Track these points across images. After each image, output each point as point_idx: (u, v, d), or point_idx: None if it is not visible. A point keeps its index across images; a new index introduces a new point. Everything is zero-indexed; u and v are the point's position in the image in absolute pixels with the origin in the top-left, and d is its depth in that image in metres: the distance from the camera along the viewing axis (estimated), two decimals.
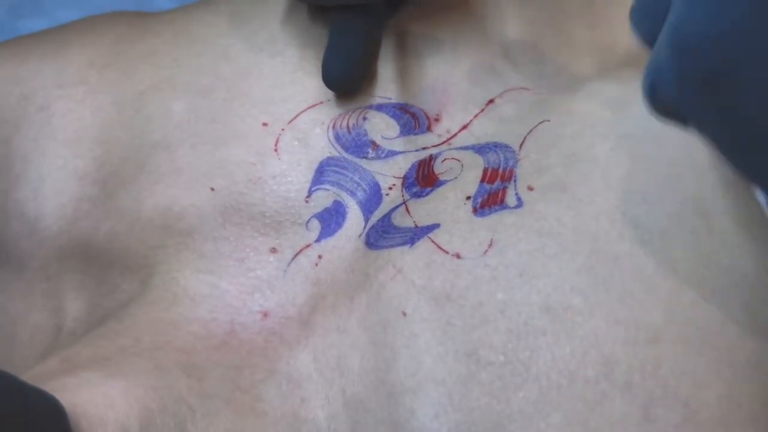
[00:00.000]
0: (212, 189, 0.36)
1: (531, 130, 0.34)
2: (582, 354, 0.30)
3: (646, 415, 0.29)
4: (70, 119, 0.39)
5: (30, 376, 0.31)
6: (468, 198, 0.33)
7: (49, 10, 0.57)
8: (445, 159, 0.35)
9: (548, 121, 0.35)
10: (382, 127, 0.36)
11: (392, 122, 0.36)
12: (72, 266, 0.37)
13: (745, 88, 0.23)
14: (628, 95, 0.34)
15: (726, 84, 0.23)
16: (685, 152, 0.30)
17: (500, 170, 0.34)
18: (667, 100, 0.26)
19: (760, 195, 0.30)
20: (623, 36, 0.36)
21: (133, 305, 0.35)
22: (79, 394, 0.29)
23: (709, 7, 0.23)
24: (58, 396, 0.27)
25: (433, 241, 0.33)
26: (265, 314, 0.34)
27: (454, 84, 0.37)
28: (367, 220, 0.35)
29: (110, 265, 0.37)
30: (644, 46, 0.28)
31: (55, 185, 0.38)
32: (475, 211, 0.33)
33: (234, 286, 0.35)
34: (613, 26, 0.38)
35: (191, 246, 0.35)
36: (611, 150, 0.33)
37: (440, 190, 0.34)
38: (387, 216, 0.35)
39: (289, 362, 0.33)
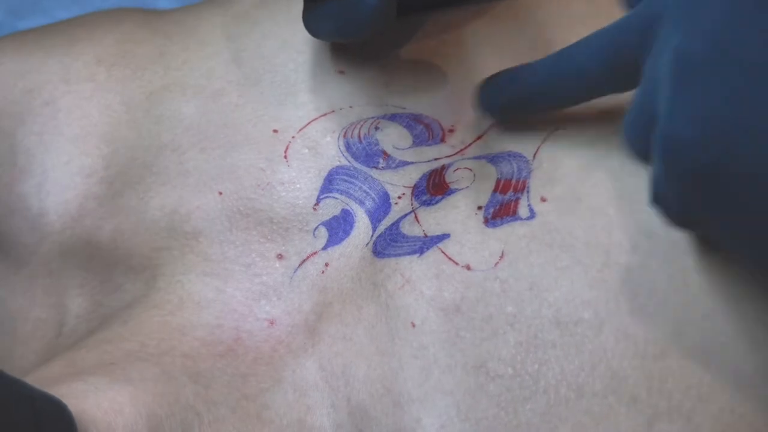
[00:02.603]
0: (220, 193, 0.36)
1: (545, 139, 0.35)
2: (591, 368, 0.30)
3: (651, 429, 0.30)
4: (77, 116, 0.39)
5: (35, 379, 0.31)
6: (480, 208, 0.34)
7: (48, 11, 0.58)
8: (457, 168, 0.36)
9: (563, 129, 0.35)
10: (394, 138, 0.37)
11: (405, 133, 0.37)
12: (75, 263, 0.38)
13: (735, 181, 0.25)
14: None
15: (716, 179, 0.25)
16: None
17: (513, 181, 0.34)
18: (669, 205, 0.28)
19: None
20: None
21: (137, 307, 0.35)
22: (86, 399, 0.30)
23: (690, 109, 0.25)
24: (64, 401, 0.28)
25: (443, 252, 0.33)
26: (272, 322, 0.35)
27: (470, 94, 0.37)
28: (375, 229, 0.35)
29: (114, 264, 0.37)
30: (639, 162, 0.30)
31: (59, 181, 0.38)
32: (486, 221, 0.34)
33: (240, 292, 0.35)
34: None
35: (196, 249, 0.36)
36: (625, 160, 0.33)
37: (451, 199, 0.35)
38: (395, 224, 0.35)
39: (295, 370, 0.34)
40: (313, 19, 0.36)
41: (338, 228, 0.36)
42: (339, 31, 0.35)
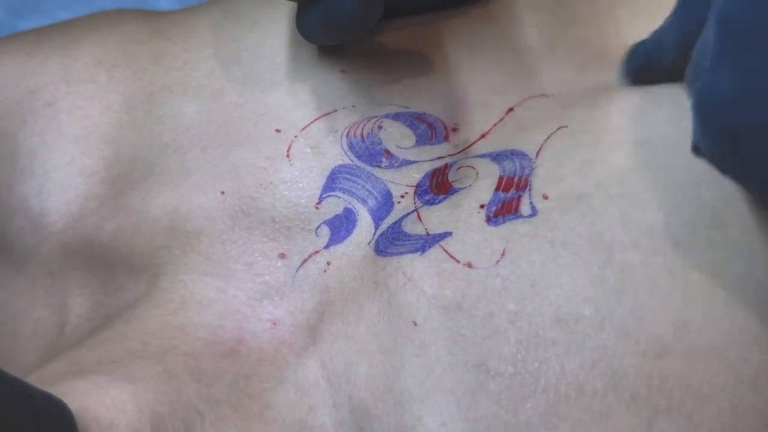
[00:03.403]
0: (222, 192, 0.37)
1: (548, 138, 0.35)
2: (591, 366, 0.31)
3: (650, 428, 0.30)
4: (78, 116, 0.40)
5: (36, 377, 0.32)
6: (482, 206, 0.34)
7: (48, 11, 0.58)
8: (460, 167, 0.36)
9: (566, 127, 0.36)
10: (397, 137, 0.37)
11: (408, 132, 0.37)
12: (76, 263, 0.38)
13: (758, 144, 0.26)
14: (645, 102, 0.34)
15: (745, 139, 0.26)
16: (702, 160, 0.31)
17: (515, 179, 0.35)
18: (705, 155, 0.29)
19: None
20: (630, 39, 0.36)
21: (139, 307, 0.36)
22: (88, 397, 0.30)
23: (729, 76, 0.27)
24: (66, 400, 0.28)
25: (444, 250, 0.34)
26: (275, 323, 0.35)
27: (473, 93, 0.38)
28: (377, 228, 0.36)
29: (115, 264, 0.38)
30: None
31: (60, 181, 0.39)
32: (488, 219, 0.34)
33: (242, 292, 0.35)
34: (620, 29, 0.39)
35: (198, 248, 0.36)
36: (627, 157, 0.33)
37: (453, 198, 0.35)
38: (398, 223, 0.35)
39: (297, 370, 0.34)
40: (303, 23, 0.37)
41: (341, 227, 0.36)
42: (325, 34, 0.36)
